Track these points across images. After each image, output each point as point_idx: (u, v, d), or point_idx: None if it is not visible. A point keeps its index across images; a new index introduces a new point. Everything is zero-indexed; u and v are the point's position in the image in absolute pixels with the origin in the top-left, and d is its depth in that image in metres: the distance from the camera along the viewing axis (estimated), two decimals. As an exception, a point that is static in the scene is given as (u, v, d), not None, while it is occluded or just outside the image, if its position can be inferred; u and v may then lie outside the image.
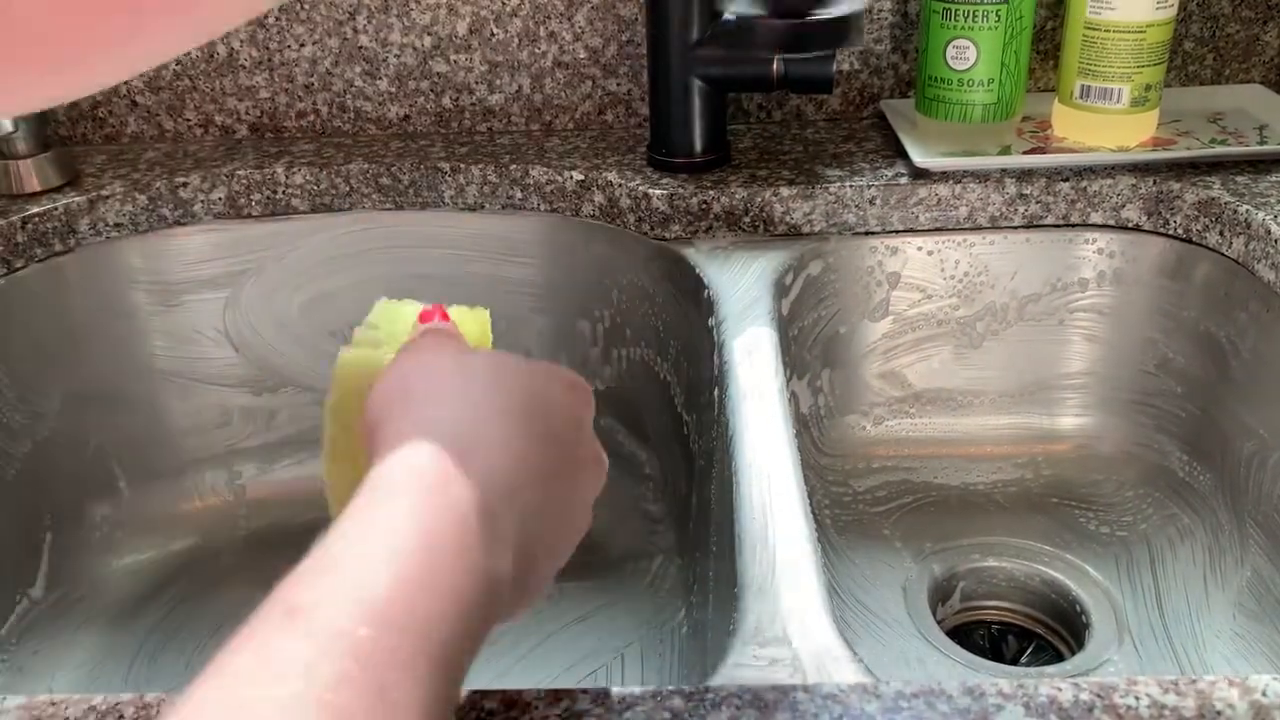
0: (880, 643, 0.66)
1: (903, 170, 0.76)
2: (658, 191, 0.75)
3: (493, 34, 0.85)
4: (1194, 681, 0.36)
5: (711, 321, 0.67)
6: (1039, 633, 0.70)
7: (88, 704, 0.37)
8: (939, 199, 0.74)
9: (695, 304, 0.72)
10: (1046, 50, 0.85)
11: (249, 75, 0.87)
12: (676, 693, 0.36)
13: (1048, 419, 0.80)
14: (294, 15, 0.85)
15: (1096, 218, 0.74)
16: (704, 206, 0.75)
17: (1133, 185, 0.73)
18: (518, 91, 0.88)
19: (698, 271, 0.72)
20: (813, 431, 0.79)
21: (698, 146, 0.78)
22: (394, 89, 0.88)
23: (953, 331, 0.79)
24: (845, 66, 0.86)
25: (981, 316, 0.78)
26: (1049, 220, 0.75)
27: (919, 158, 0.74)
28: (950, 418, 0.81)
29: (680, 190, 0.75)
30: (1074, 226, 0.75)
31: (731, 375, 0.60)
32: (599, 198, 0.78)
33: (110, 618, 0.76)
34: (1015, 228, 0.75)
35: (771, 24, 0.48)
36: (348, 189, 0.82)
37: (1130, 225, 0.74)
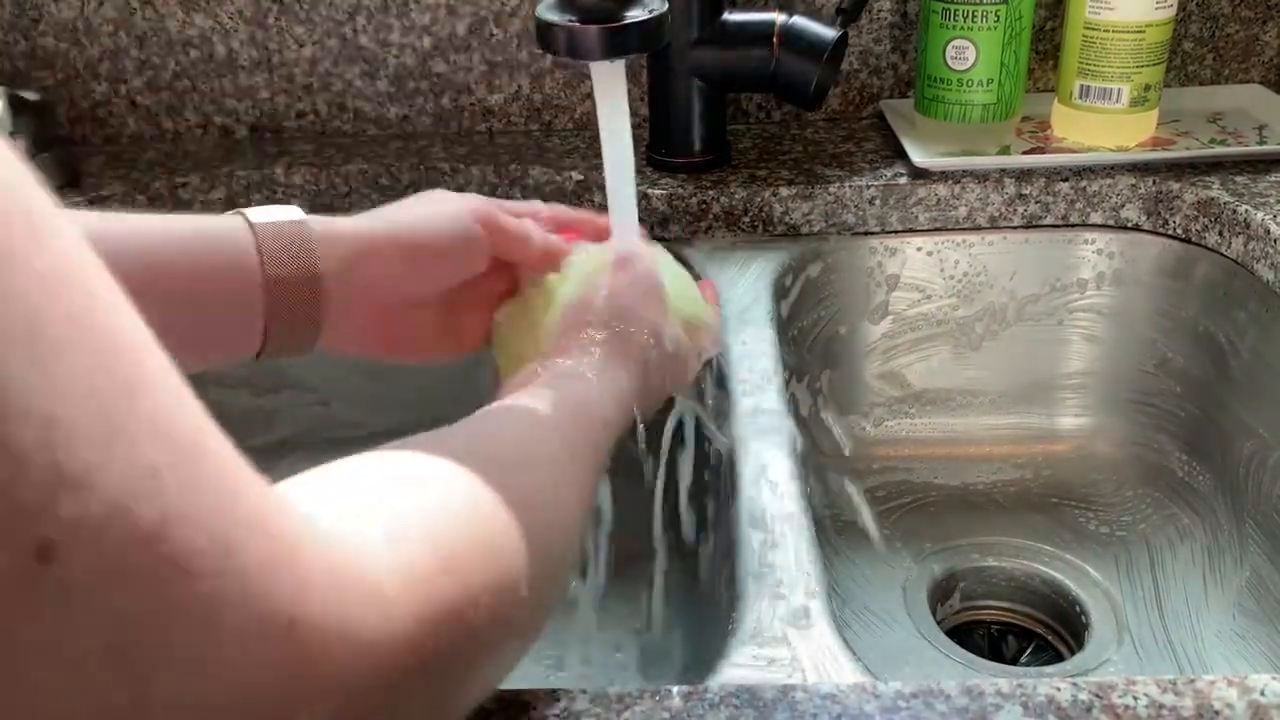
0: (880, 643, 0.66)
1: (902, 170, 0.76)
2: (657, 191, 0.75)
3: (492, 34, 0.85)
4: (1192, 681, 0.36)
5: (711, 321, 0.67)
6: (1038, 633, 0.70)
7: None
8: (938, 199, 0.74)
9: (695, 304, 0.72)
10: (1046, 50, 0.85)
11: (248, 75, 0.87)
12: (676, 692, 0.36)
13: (1047, 419, 0.80)
14: (294, 15, 0.85)
15: (1096, 218, 0.74)
16: (703, 206, 0.75)
17: (1132, 185, 0.73)
18: (517, 91, 0.88)
19: (697, 272, 0.72)
20: (812, 432, 0.79)
21: (697, 146, 0.78)
22: (393, 89, 0.88)
23: (952, 332, 0.79)
24: (845, 66, 0.86)
25: (980, 317, 0.78)
26: (1048, 220, 0.75)
27: (918, 158, 0.74)
28: (950, 418, 0.81)
29: (679, 190, 0.75)
30: (1073, 226, 0.75)
31: (731, 374, 0.60)
32: (599, 198, 0.78)
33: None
34: (1014, 228, 0.75)
35: (585, 30, 0.48)
36: (347, 189, 0.82)
37: (1130, 225, 0.74)
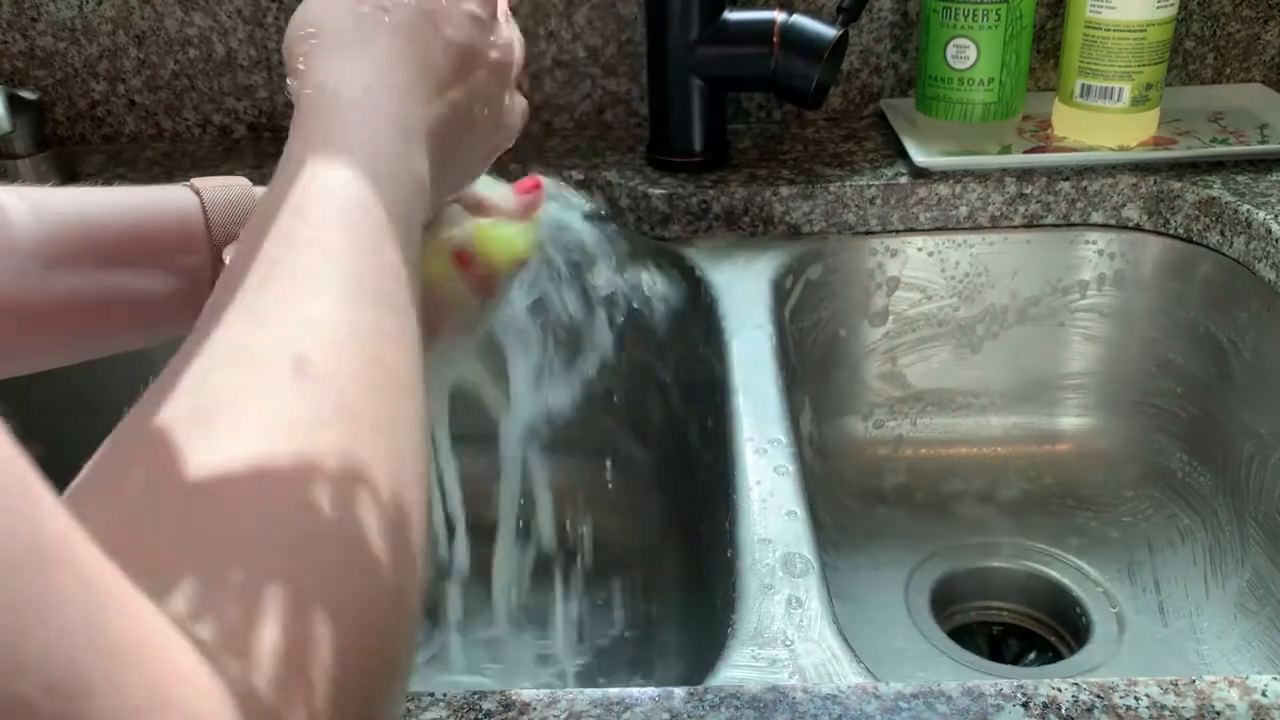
0: (880, 643, 0.66)
1: (903, 170, 0.76)
2: (657, 191, 0.75)
3: (492, 33, 0.85)
4: (1193, 682, 0.36)
5: (711, 321, 0.67)
6: (1039, 633, 0.70)
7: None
8: (939, 198, 0.74)
9: (695, 304, 0.71)
10: (1047, 49, 0.85)
11: (247, 75, 0.87)
12: (676, 693, 0.36)
13: (1048, 419, 0.80)
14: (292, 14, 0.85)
15: (1097, 217, 0.74)
16: (704, 206, 0.75)
17: (1133, 185, 0.73)
18: (517, 91, 0.87)
19: (697, 271, 0.72)
20: (812, 432, 0.79)
21: (697, 146, 0.78)
22: (393, 88, 0.87)
23: (953, 332, 0.79)
24: (845, 65, 0.86)
25: (981, 318, 0.78)
26: (1049, 220, 0.75)
27: (919, 157, 0.74)
28: (951, 418, 0.81)
29: (680, 190, 0.75)
30: (1074, 226, 0.75)
31: (731, 375, 0.60)
32: (598, 197, 0.78)
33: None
34: (1015, 227, 0.75)
35: None
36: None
37: (1131, 225, 0.74)
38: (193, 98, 0.88)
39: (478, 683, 0.69)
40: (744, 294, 0.68)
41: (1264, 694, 0.35)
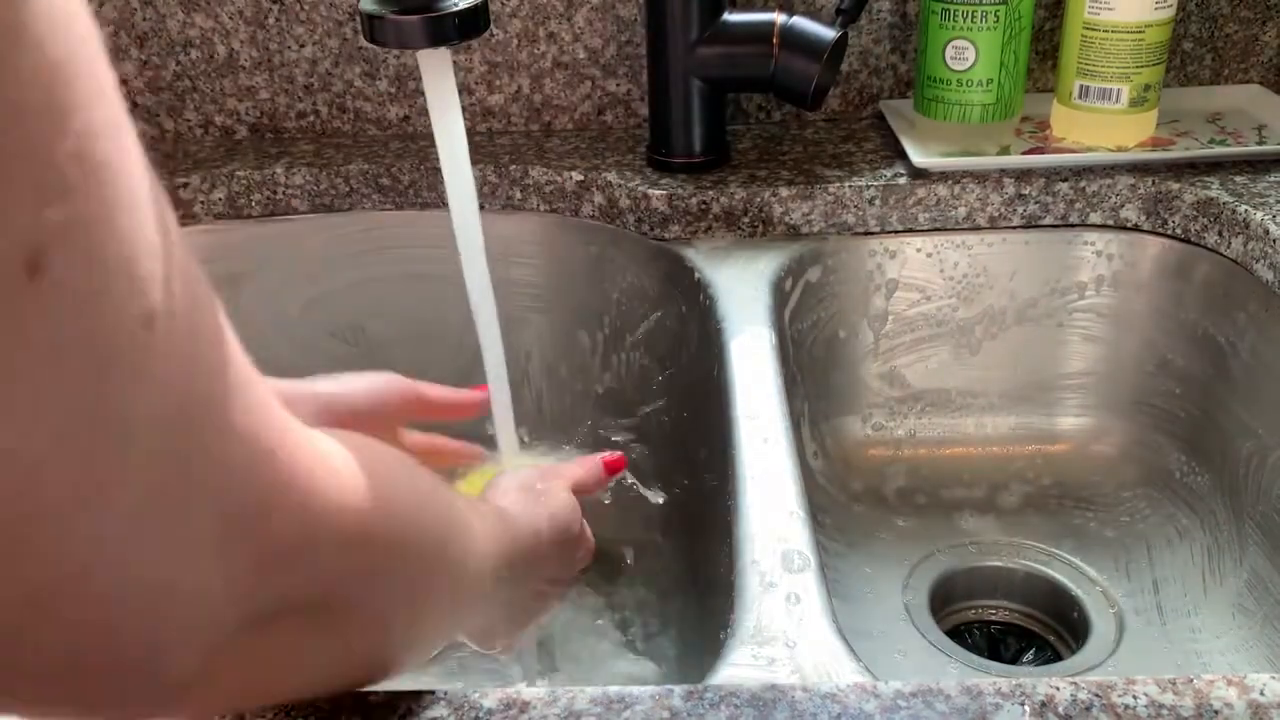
0: (879, 643, 0.66)
1: (902, 170, 0.76)
2: (657, 192, 0.75)
3: (492, 34, 0.85)
4: (1192, 681, 0.36)
5: (711, 322, 0.67)
6: (1037, 632, 0.70)
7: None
8: (938, 199, 0.74)
9: (694, 304, 0.72)
10: (1045, 50, 0.85)
11: (249, 76, 0.87)
12: (676, 692, 0.36)
13: (1047, 419, 0.80)
14: (294, 15, 0.85)
15: (1095, 218, 0.74)
16: (703, 207, 0.75)
17: (1131, 185, 0.73)
18: (517, 92, 0.88)
19: (697, 272, 0.72)
20: (812, 432, 0.79)
21: (697, 147, 0.78)
22: (394, 89, 0.88)
23: (952, 332, 0.79)
24: (845, 66, 0.86)
25: (980, 319, 0.78)
26: (1048, 220, 0.75)
27: (918, 158, 0.74)
28: (950, 418, 0.81)
29: (679, 190, 0.75)
30: (1073, 227, 0.75)
31: (730, 375, 0.60)
32: (598, 198, 0.78)
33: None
34: (1014, 228, 0.75)
35: (398, 21, 0.50)
36: (348, 189, 0.82)
37: (1129, 225, 0.74)
38: (194, 98, 0.88)
39: (478, 682, 0.69)
40: (743, 294, 0.68)
41: (1262, 693, 0.35)
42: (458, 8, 0.51)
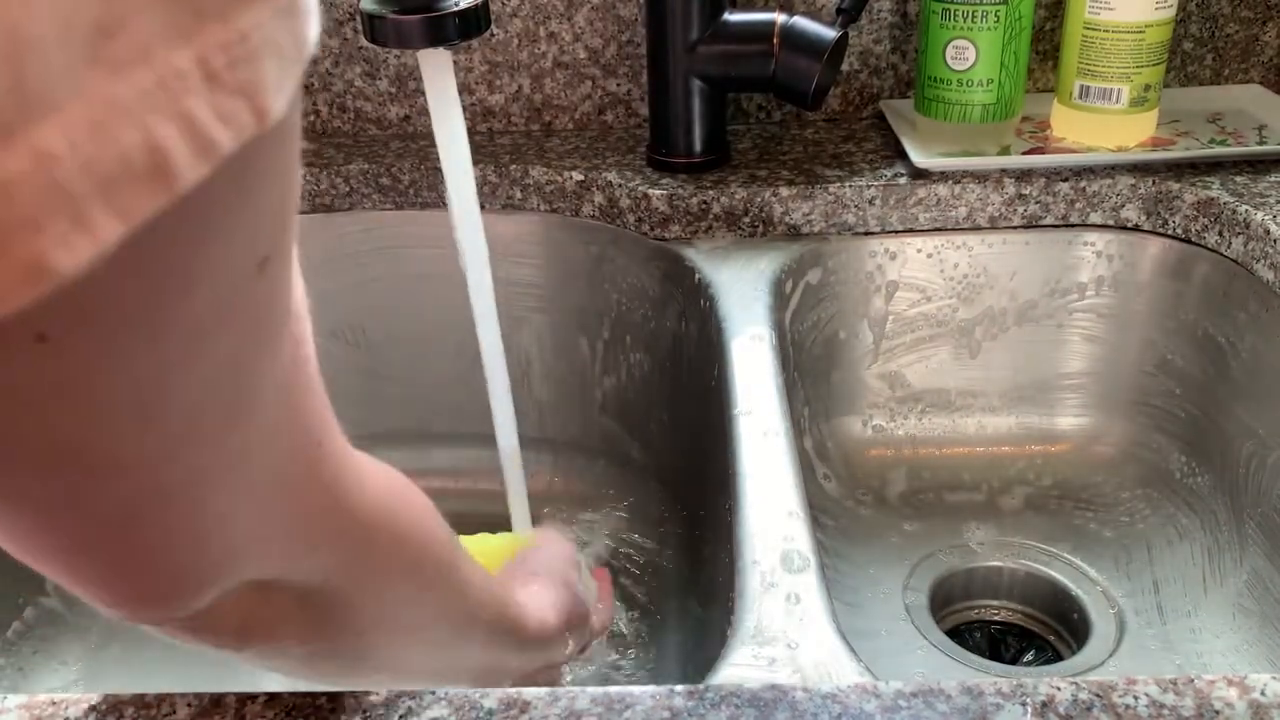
0: (880, 643, 0.66)
1: (902, 170, 0.76)
2: (657, 192, 0.75)
3: (493, 34, 0.85)
4: (1192, 681, 0.36)
5: (711, 322, 0.67)
6: (1038, 632, 0.70)
7: (88, 704, 0.37)
8: (938, 199, 0.74)
9: (695, 304, 0.72)
10: (1046, 50, 0.85)
11: (249, 75, 0.87)
12: (676, 692, 0.36)
13: (1047, 419, 0.80)
14: (294, 15, 0.85)
15: (1096, 218, 0.74)
16: (704, 207, 0.75)
17: (1132, 185, 0.73)
18: (517, 91, 0.88)
19: (697, 272, 0.72)
20: (812, 432, 0.79)
21: (697, 146, 0.78)
22: (394, 89, 0.88)
23: (952, 333, 0.79)
24: (845, 66, 0.86)
25: (980, 320, 0.78)
26: (1048, 220, 0.75)
27: (918, 158, 0.74)
28: (949, 418, 0.81)
29: (680, 190, 0.75)
30: (1073, 227, 0.75)
31: (731, 375, 0.60)
32: (599, 198, 0.78)
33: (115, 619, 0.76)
34: (1014, 228, 0.75)
35: (399, 20, 0.51)
36: (348, 189, 0.82)
37: (1129, 225, 0.74)
38: (193, 98, 0.88)
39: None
40: (743, 294, 0.68)
41: (1263, 693, 0.35)
42: (458, 8, 0.51)
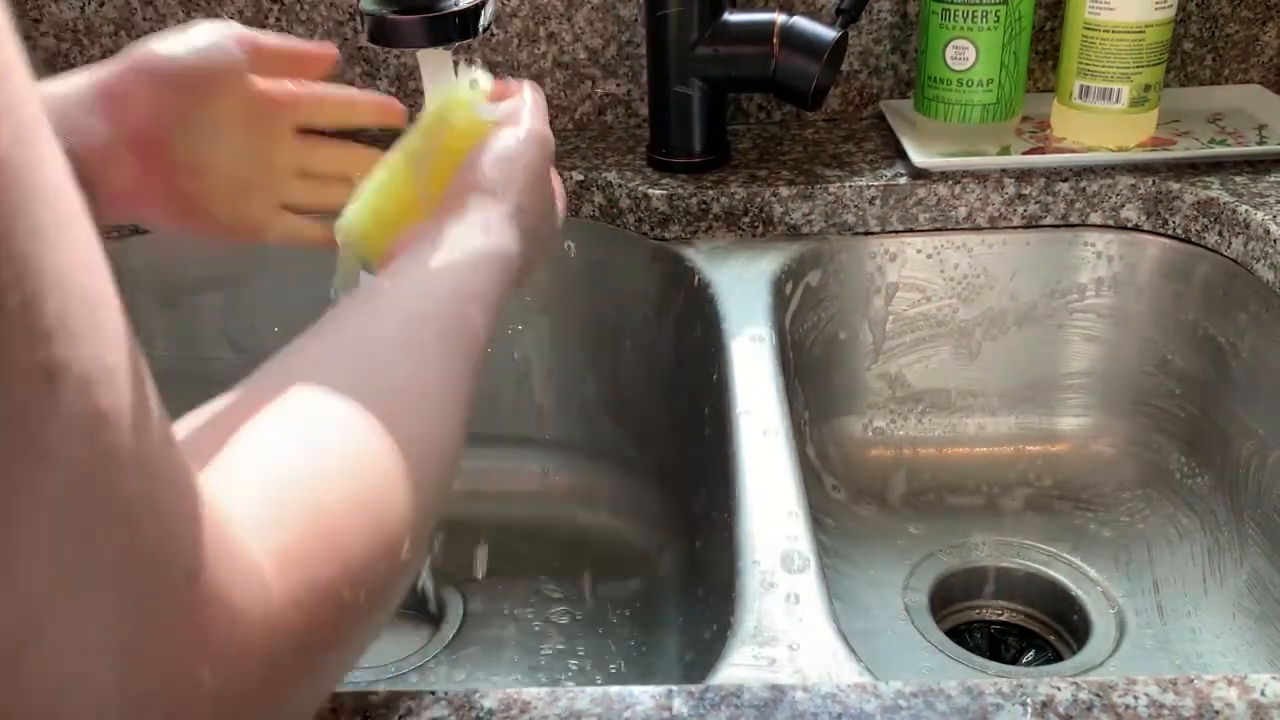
0: (880, 643, 0.66)
1: (902, 170, 0.76)
2: (657, 192, 0.75)
3: (492, 34, 0.85)
4: (1192, 681, 0.36)
5: (711, 322, 0.67)
6: (1038, 632, 0.70)
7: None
8: (938, 199, 0.74)
9: (695, 305, 0.72)
10: (1046, 50, 0.85)
11: (249, 76, 0.87)
12: (676, 692, 0.36)
13: (1047, 419, 0.80)
14: (294, 15, 0.85)
15: (1096, 218, 0.74)
16: (703, 207, 0.75)
17: (1132, 185, 0.73)
18: (517, 92, 0.87)
19: (697, 272, 0.72)
20: (812, 432, 0.79)
21: (697, 147, 0.78)
22: (394, 89, 0.88)
23: (952, 333, 0.79)
24: (845, 66, 0.86)
25: (980, 320, 0.78)
26: (1048, 220, 0.75)
27: (918, 158, 0.74)
28: (949, 418, 0.81)
29: (680, 190, 0.75)
30: (1073, 227, 0.75)
31: (731, 375, 0.60)
32: (598, 198, 0.78)
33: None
34: (1014, 228, 0.75)
35: (399, 20, 0.51)
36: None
37: (1129, 225, 0.74)
38: (193, 98, 0.88)
39: (479, 681, 0.69)
40: (744, 294, 0.68)
41: (1263, 693, 0.35)
42: (458, 8, 0.51)
